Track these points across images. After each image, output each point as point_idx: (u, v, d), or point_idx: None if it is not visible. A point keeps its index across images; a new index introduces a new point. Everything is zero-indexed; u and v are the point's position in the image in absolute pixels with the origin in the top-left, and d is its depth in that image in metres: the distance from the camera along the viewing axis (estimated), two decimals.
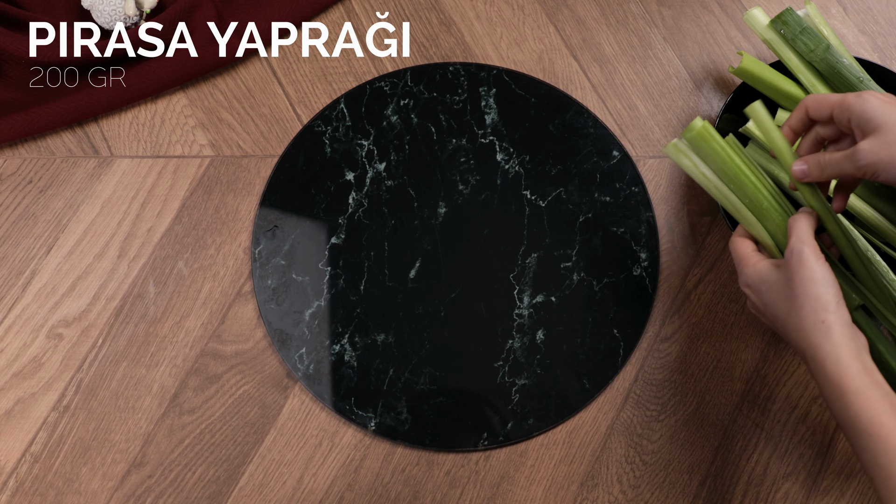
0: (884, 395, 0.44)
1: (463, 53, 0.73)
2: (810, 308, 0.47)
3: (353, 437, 0.62)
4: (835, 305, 0.47)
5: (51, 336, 0.64)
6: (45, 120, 0.67)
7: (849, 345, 0.46)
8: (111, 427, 0.62)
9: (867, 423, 0.44)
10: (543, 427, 0.62)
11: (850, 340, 0.46)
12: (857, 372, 0.45)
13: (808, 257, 0.48)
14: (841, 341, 0.46)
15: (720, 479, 0.63)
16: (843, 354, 0.46)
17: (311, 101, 0.71)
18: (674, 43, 0.74)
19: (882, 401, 0.44)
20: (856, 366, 0.45)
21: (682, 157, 0.54)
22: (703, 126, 0.52)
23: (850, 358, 0.45)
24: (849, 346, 0.46)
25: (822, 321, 0.47)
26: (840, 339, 0.46)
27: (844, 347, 0.46)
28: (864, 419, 0.44)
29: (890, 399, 0.44)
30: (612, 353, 0.64)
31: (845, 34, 0.75)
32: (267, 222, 0.67)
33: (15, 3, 0.72)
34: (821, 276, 0.47)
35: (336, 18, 0.74)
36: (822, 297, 0.47)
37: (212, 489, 0.61)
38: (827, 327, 0.46)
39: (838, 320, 0.47)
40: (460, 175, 0.69)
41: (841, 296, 0.48)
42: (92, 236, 0.66)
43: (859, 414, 0.44)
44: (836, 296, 0.47)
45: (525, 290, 0.65)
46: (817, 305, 0.47)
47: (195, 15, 0.70)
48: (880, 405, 0.44)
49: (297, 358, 0.63)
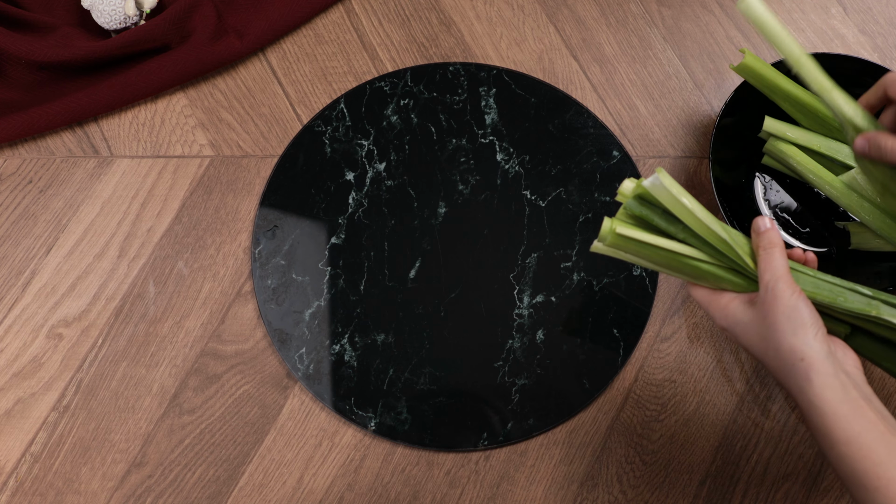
0: (879, 437, 0.41)
1: (463, 53, 0.73)
2: (787, 346, 0.44)
3: (353, 437, 0.62)
4: (813, 339, 0.44)
5: (51, 336, 0.64)
6: (45, 120, 0.67)
7: (833, 384, 0.42)
8: (111, 427, 0.62)
9: (863, 476, 0.40)
10: (543, 427, 0.62)
11: (833, 378, 0.43)
12: (846, 418, 0.41)
13: (782, 293, 0.45)
14: (824, 382, 0.43)
15: (720, 479, 0.63)
16: (829, 399, 0.42)
17: (311, 101, 0.71)
18: (674, 43, 0.74)
19: (878, 446, 0.40)
20: (843, 410, 0.42)
21: (612, 253, 0.52)
22: (611, 230, 0.49)
23: (836, 402, 0.42)
24: (833, 387, 0.42)
25: (801, 359, 0.43)
26: (823, 379, 0.43)
27: (828, 389, 0.42)
28: (860, 471, 0.40)
29: (886, 441, 0.41)
30: (612, 353, 0.64)
31: (845, 34, 0.75)
32: (267, 222, 0.67)
33: (15, 3, 0.72)
34: (797, 311, 0.44)
35: (336, 18, 0.74)
36: (799, 333, 0.44)
37: (212, 489, 0.61)
38: (807, 366, 0.43)
39: (818, 355, 0.43)
40: (460, 175, 0.69)
41: (820, 326, 0.45)
42: (92, 236, 0.66)
43: (854, 466, 0.41)
44: (815, 329, 0.44)
45: (525, 290, 0.65)
46: (795, 342, 0.44)
47: (195, 15, 0.70)
48: (876, 454, 0.40)
49: (297, 358, 0.63)
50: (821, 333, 0.44)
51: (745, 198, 0.68)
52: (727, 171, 0.66)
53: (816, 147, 0.63)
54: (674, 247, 0.49)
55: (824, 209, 0.68)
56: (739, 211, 0.66)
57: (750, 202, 0.68)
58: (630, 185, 0.50)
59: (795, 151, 0.64)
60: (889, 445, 0.40)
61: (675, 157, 0.71)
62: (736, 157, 0.68)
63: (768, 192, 0.69)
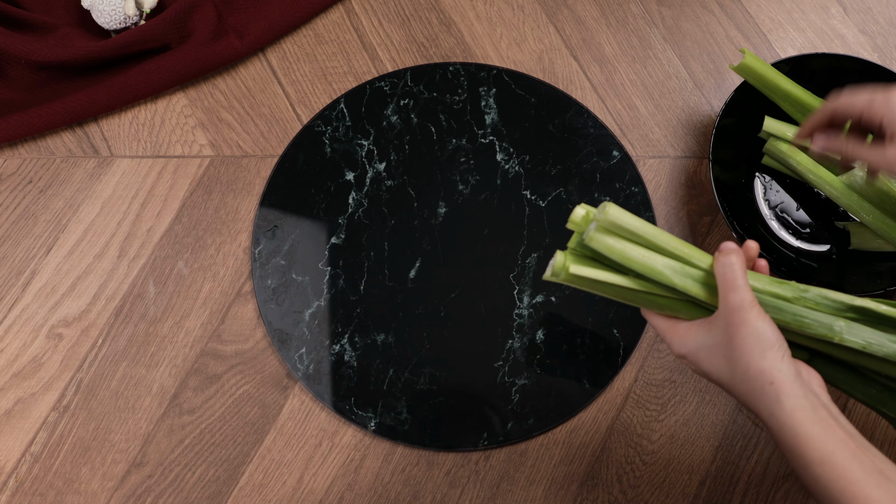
0: (851, 456, 0.40)
1: (463, 53, 0.73)
2: (756, 370, 0.43)
3: (353, 437, 0.62)
4: (780, 361, 0.43)
5: (51, 336, 0.64)
6: (45, 120, 0.67)
7: (803, 406, 0.42)
8: (111, 427, 0.62)
9: (839, 495, 0.40)
10: (543, 427, 0.62)
11: (803, 400, 0.42)
12: (818, 438, 0.41)
13: (747, 314, 0.44)
14: (795, 404, 0.42)
15: (720, 479, 0.63)
16: (800, 420, 0.42)
17: (311, 101, 0.71)
18: (674, 43, 0.74)
19: (851, 464, 0.40)
20: (815, 430, 0.41)
21: (567, 283, 0.50)
22: (564, 267, 0.49)
23: (808, 423, 0.42)
24: (804, 408, 0.42)
25: (770, 382, 0.43)
26: (794, 401, 0.42)
27: (799, 410, 0.42)
28: (836, 490, 0.40)
29: (859, 460, 0.40)
30: (612, 353, 0.64)
31: (845, 34, 0.75)
32: (267, 222, 0.67)
33: (15, 3, 0.72)
34: (764, 333, 0.44)
35: (336, 18, 0.74)
36: (767, 356, 0.43)
37: (212, 489, 0.61)
38: (777, 389, 0.43)
39: (787, 378, 0.43)
40: (460, 175, 0.69)
41: (786, 349, 0.44)
42: (92, 236, 0.66)
43: (829, 486, 0.40)
44: (782, 351, 0.44)
45: (525, 290, 0.65)
46: (763, 365, 0.43)
47: (195, 15, 0.70)
48: (851, 472, 0.40)
49: (297, 358, 0.63)
50: (787, 355, 0.44)
51: (745, 198, 0.68)
52: (727, 171, 0.66)
53: None
54: (629, 284, 0.49)
55: (824, 209, 0.68)
56: (739, 211, 0.66)
57: (750, 202, 0.68)
58: (581, 213, 0.49)
59: (795, 151, 0.64)
60: (862, 463, 0.40)
61: (675, 157, 0.71)
62: (736, 157, 0.68)
63: (768, 192, 0.69)
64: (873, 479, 0.40)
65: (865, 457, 0.41)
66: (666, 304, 0.50)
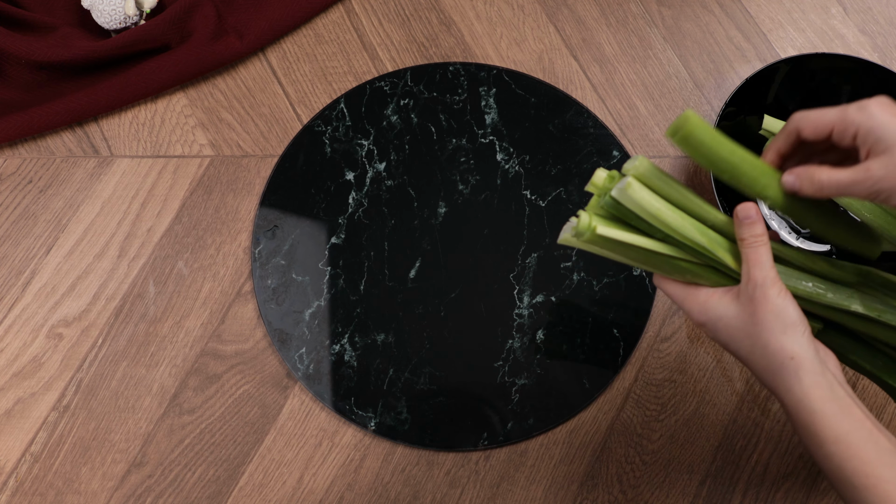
0: (867, 435, 0.41)
1: (463, 53, 0.73)
2: (777, 345, 0.43)
3: (352, 436, 0.62)
4: (801, 337, 0.43)
5: (51, 336, 0.64)
6: (45, 120, 0.67)
7: (821, 383, 0.42)
8: (111, 427, 0.62)
9: (852, 475, 0.40)
10: (543, 427, 0.62)
11: (821, 378, 0.42)
12: (834, 416, 0.41)
13: (771, 291, 0.44)
14: (813, 381, 0.42)
15: (720, 479, 0.63)
16: (817, 398, 0.42)
17: (311, 100, 0.71)
18: (674, 43, 0.74)
19: (866, 445, 0.40)
20: (832, 409, 0.41)
21: (582, 247, 0.49)
22: (590, 227, 0.46)
23: (824, 401, 0.42)
24: (821, 386, 0.42)
25: (790, 358, 0.43)
26: (812, 378, 0.42)
27: (817, 388, 0.42)
28: (849, 470, 0.40)
29: (874, 440, 0.41)
30: (612, 353, 0.64)
31: (845, 34, 0.75)
32: (267, 222, 0.67)
33: (15, 3, 0.72)
34: (786, 310, 0.44)
35: (336, 18, 0.74)
36: (788, 332, 0.43)
37: (212, 489, 0.61)
38: (797, 364, 0.43)
39: (807, 355, 0.43)
40: (460, 175, 0.69)
41: (807, 326, 0.44)
42: (92, 236, 0.66)
43: (843, 465, 0.40)
44: (803, 328, 0.44)
45: (525, 289, 0.65)
46: (784, 341, 0.43)
47: (195, 15, 0.70)
48: (864, 452, 0.40)
49: (297, 358, 0.63)
50: (808, 333, 0.44)
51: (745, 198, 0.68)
52: None
53: None
54: (654, 246, 0.48)
55: None
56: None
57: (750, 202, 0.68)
58: (602, 175, 0.48)
59: None
60: (877, 444, 0.40)
61: (676, 157, 0.71)
62: None
63: None
64: (887, 459, 0.40)
65: (881, 438, 0.41)
66: (689, 268, 0.48)
